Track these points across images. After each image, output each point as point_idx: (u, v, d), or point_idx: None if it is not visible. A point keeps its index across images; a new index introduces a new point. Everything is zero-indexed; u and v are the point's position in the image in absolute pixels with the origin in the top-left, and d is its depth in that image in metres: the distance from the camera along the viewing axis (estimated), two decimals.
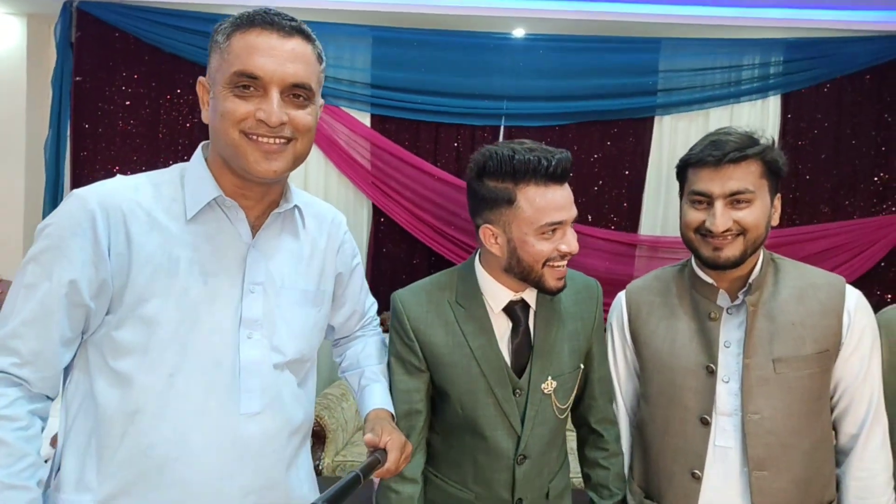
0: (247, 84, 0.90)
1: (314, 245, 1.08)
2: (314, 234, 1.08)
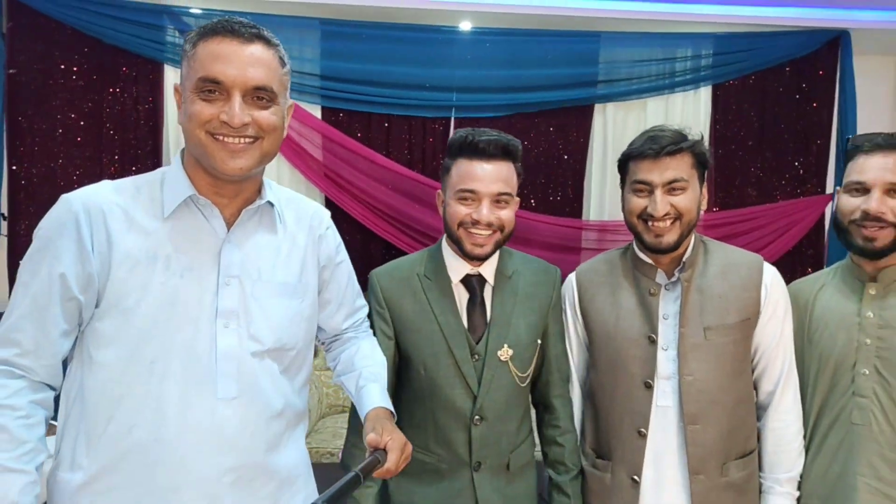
0: (211, 88, 0.96)
1: (294, 239, 1.13)
2: (294, 230, 1.14)
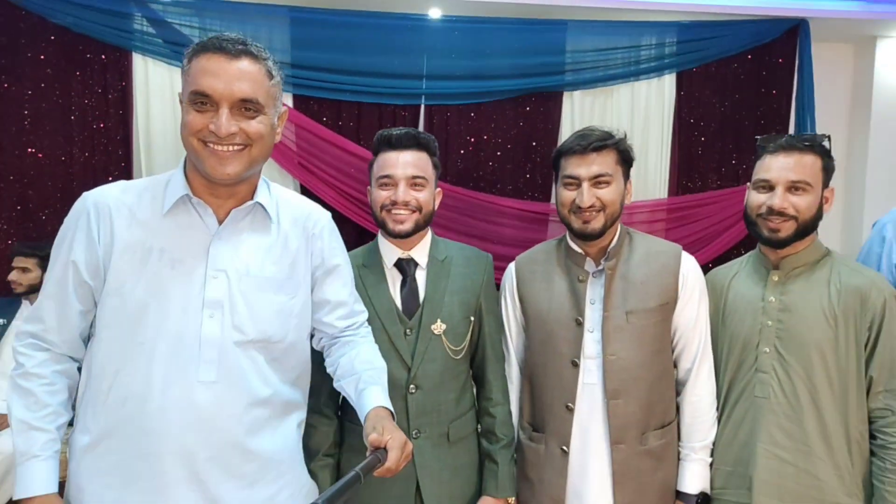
0: (202, 101, 1.07)
1: (286, 239, 1.21)
2: (287, 229, 1.22)
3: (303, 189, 3.33)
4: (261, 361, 1.16)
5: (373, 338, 1.36)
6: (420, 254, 1.48)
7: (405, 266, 1.47)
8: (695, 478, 1.40)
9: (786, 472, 1.34)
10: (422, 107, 3.44)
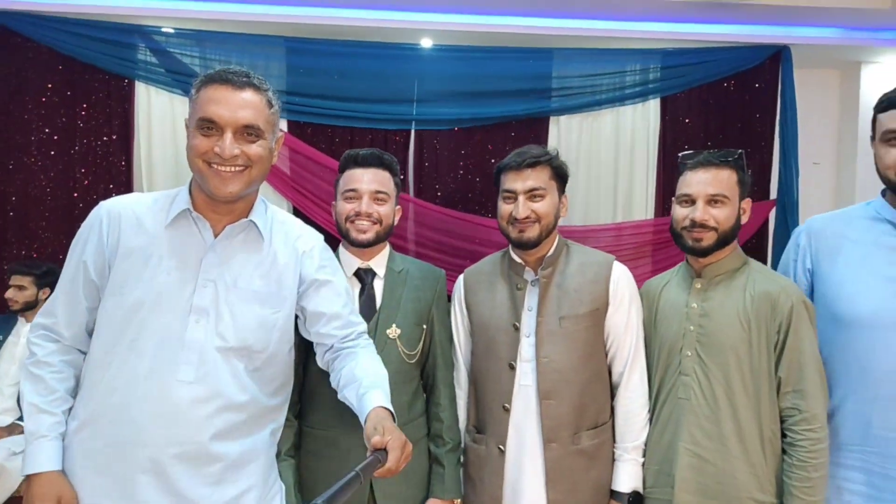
0: (209, 126, 1.21)
1: (275, 256, 1.31)
2: (277, 247, 1.32)
3: (295, 211, 3.47)
4: (241, 369, 1.25)
5: (374, 348, 1.41)
6: (378, 265, 1.59)
7: (364, 275, 1.59)
8: (627, 477, 1.47)
9: (705, 470, 1.41)
10: (412, 132, 3.58)
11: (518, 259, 1.53)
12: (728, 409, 1.41)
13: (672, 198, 1.58)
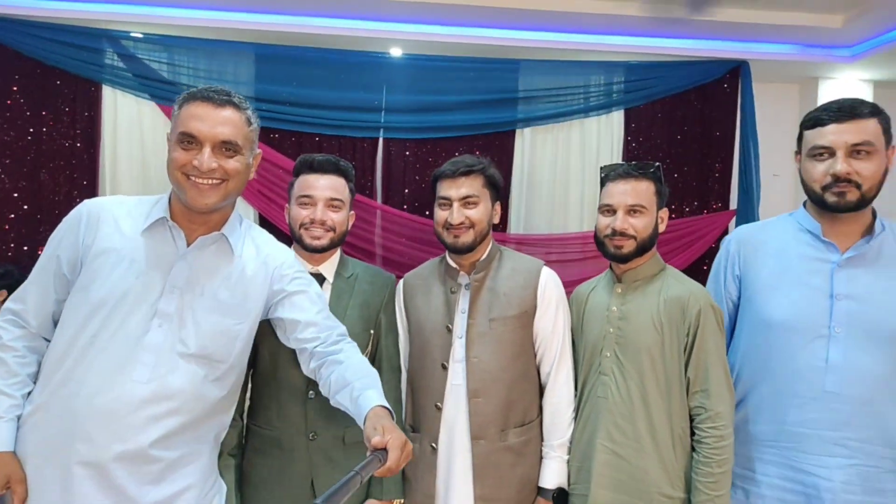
0: (189, 140, 1.28)
1: (244, 269, 1.37)
2: (247, 261, 1.38)
3: (261, 218, 3.51)
4: (200, 376, 1.30)
5: (358, 350, 1.44)
6: (328, 270, 1.65)
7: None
8: (553, 474, 1.55)
9: (620, 466, 1.49)
10: (380, 139, 3.65)
11: (453, 264, 1.61)
12: (642, 408, 1.49)
13: (598, 208, 1.66)
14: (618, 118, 3.73)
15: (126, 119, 3.40)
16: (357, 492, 1.56)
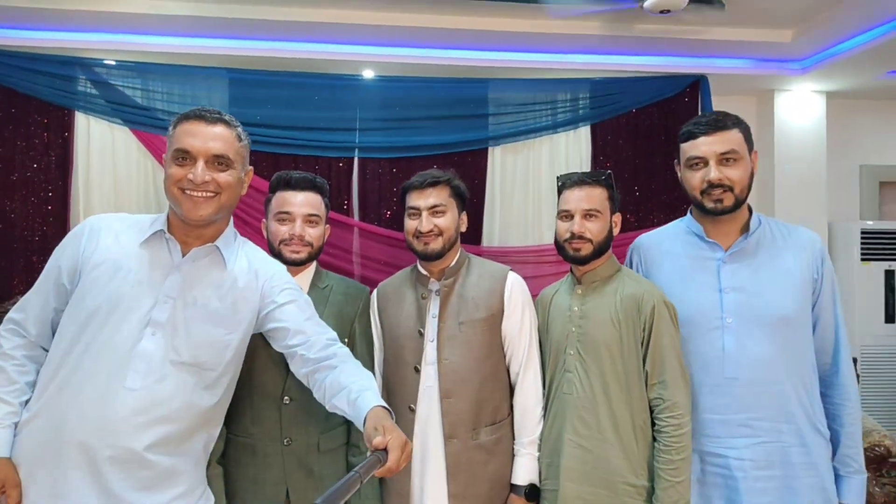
0: (183, 156, 1.35)
1: (235, 281, 1.42)
2: (238, 273, 1.43)
3: None
4: (191, 384, 1.34)
5: (350, 354, 1.46)
6: (303, 281, 1.71)
7: None
8: (523, 471, 1.62)
9: (586, 458, 1.57)
10: (356, 159, 3.73)
11: (424, 271, 1.70)
12: (604, 402, 1.58)
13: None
14: (585, 133, 3.86)
15: (98, 145, 3.42)
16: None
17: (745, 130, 1.67)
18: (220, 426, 1.49)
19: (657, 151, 3.86)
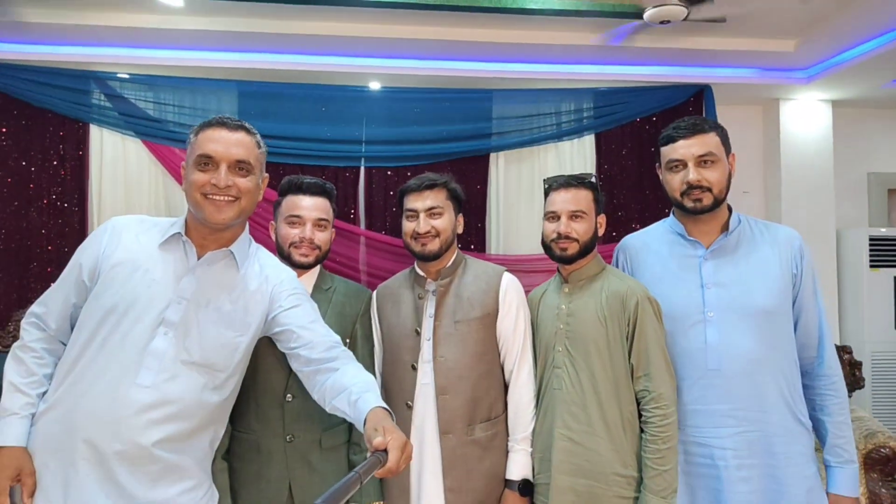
0: (206, 161, 1.41)
1: (246, 284, 1.47)
2: (250, 277, 1.48)
3: None
4: (200, 383, 1.38)
5: (353, 357, 1.49)
6: (308, 283, 1.78)
7: None
8: (517, 466, 1.66)
9: (576, 451, 1.62)
10: (362, 168, 3.81)
11: (421, 272, 1.76)
12: (593, 396, 1.62)
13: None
14: (589, 142, 3.92)
15: (111, 156, 3.53)
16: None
17: (723, 134, 1.73)
18: (226, 424, 1.54)
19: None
